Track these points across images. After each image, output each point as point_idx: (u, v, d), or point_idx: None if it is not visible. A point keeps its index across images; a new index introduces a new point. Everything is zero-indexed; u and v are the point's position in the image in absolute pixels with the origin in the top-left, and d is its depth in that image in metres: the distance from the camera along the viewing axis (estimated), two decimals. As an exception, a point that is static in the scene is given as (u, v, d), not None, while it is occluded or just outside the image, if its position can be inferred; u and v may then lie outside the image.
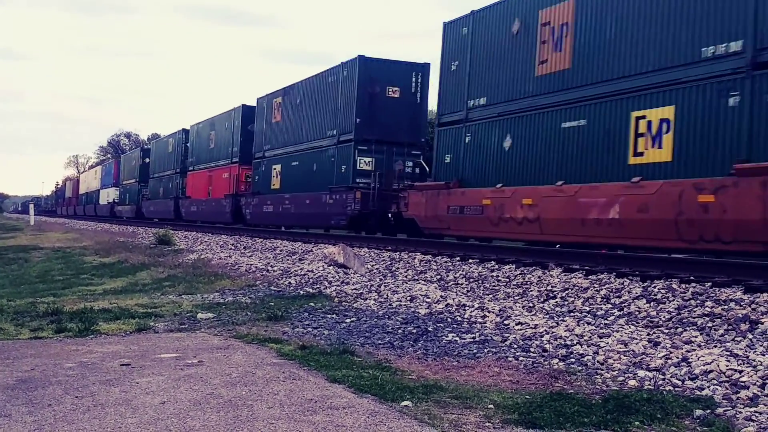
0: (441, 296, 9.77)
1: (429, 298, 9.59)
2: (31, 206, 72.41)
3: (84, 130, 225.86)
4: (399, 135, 24.42)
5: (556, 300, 9.74)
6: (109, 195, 69.19)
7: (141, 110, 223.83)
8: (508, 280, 11.61)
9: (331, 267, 13.47)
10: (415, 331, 7.45)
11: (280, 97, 31.73)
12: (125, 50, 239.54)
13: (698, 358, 5.83)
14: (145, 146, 59.34)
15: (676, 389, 5.14)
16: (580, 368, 5.85)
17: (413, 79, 24.88)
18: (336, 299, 9.76)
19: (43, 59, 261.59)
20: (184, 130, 46.57)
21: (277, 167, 31.43)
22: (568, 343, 6.72)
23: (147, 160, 56.72)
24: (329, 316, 8.41)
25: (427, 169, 22.29)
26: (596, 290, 9.86)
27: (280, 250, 19.61)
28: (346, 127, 24.93)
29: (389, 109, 24.43)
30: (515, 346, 6.75)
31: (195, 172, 42.99)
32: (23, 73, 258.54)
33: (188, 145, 44.92)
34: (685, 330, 7.47)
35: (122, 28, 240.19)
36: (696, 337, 6.98)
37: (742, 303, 8.19)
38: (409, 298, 9.67)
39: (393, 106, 24.46)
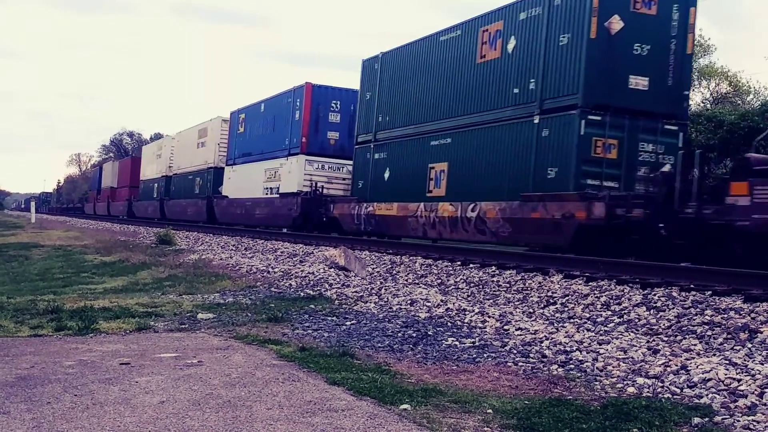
0: (441, 300, 9.77)
1: (429, 302, 9.60)
2: (33, 204, 64.83)
3: (84, 128, 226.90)
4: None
5: (557, 306, 9.74)
6: (296, 175, 26.85)
7: (140, 109, 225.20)
8: (508, 285, 11.61)
9: (332, 269, 13.48)
10: (415, 334, 7.46)
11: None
12: (125, 49, 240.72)
13: (697, 366, 5.83)
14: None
15: (675, 397, 5.14)
16: (579, 374, 5.86)
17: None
18: (336, 302, 9.77)
19: (41, 57, 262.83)
20: None
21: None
22: (568, 349, 6.73)
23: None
24: (329, 318, 8.41)
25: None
26: (596, 297, 9.86)
27: (281, 252, 19.61)
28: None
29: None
30: (515, 351, 6.75)
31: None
32: (22, 71, 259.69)
33: None
34: (685, 338, 7.47)
35: (120, 27, 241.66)
36: (695, 345, 6.98)
37: (741, 312, 8.19)
38: (409, 301, 9.67)
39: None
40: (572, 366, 6.13)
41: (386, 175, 21.77)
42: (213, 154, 37.04)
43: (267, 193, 29.68)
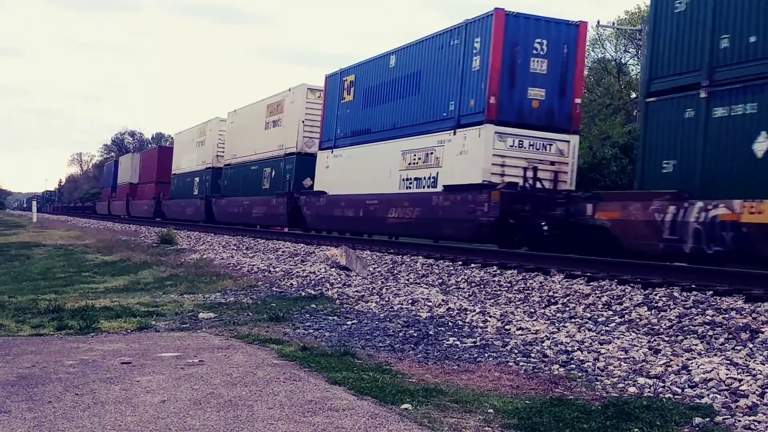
0: (442, 300, 9.77)
1: (430, 301, 9.59)
2: (34, 203, 64.29)
3: (85, 128, 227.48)
4: None
5: (558, 306, 9.74)
6: (478, 157, 17.08)
7: (141, 109, 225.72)
8: (509, 285, 11.60)
9: (333, 269, 13.48)
10: (416, 334, 7.46)
11: None
12: (125, 48, 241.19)
13: (698, 366, 5.83)
14: None
15: (676, 397, 5.14)
16: (580, 374, 5.86)
17: None
18: (337, 301, 9.77)
19: (44, 56, 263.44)
20: None
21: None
22: (569, 349, 6.73)
23: None
24: (330, 317, 8.41)
25: None
26: (597, 297, 9.86)
27: (282, 251, 19.61)
28: None
29: None
30: (516, 351, 6.75)
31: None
32: (24, 69, 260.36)
33: None
34: (686, 338, 7.47)
35: (122, 27, 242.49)
36: (696, 345, 6.98)
37: (742, 312, 8.18)
38: (410, 301, 9.67)
39: None
40: (573, 366, 6.13)
41: (760, 147, 11.60)
42: (294, 136, 27.36)
43: (408, 187, 19.87)
